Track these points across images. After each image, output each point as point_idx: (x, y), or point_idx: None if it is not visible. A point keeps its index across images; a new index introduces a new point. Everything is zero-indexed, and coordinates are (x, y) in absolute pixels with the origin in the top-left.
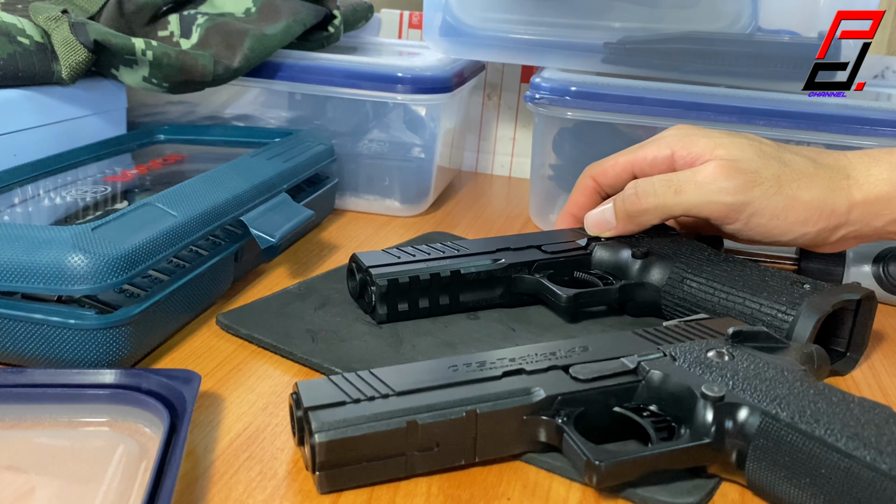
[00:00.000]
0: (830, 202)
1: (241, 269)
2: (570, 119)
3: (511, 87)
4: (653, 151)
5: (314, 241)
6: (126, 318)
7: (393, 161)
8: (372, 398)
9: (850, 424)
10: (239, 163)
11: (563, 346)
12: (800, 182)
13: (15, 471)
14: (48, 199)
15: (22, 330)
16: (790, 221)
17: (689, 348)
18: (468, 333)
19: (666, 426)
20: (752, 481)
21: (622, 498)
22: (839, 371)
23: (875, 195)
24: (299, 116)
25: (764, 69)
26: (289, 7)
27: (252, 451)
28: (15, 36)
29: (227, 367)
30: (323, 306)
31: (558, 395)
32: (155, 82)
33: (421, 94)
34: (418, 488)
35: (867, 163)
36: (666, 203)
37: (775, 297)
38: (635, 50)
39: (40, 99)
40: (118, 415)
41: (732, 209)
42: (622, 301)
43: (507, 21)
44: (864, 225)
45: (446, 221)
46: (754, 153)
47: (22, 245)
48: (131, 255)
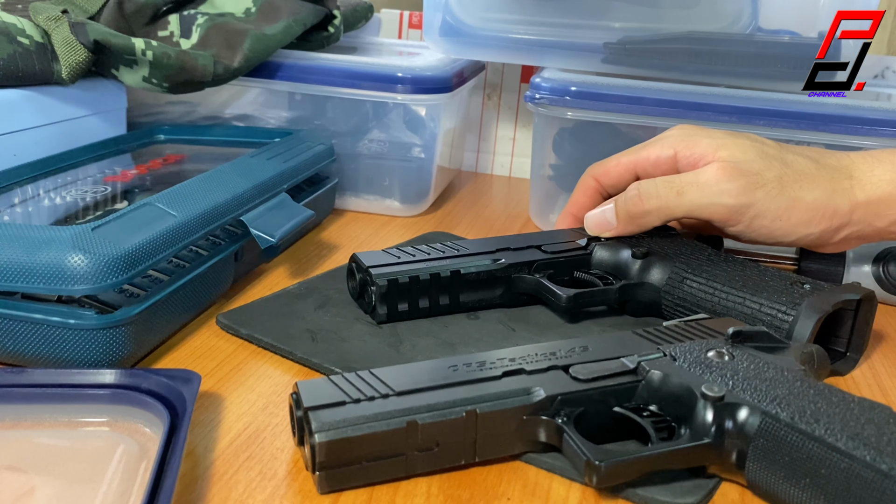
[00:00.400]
0: (833, 203)
1: (241, 269)
2: (570, 119)
3: (511, 87)
4: (655, 152)
5: (314, 241)
6: (126, 318)
7: (393, 161)
8: (372, 398)
9: (850, 424)
10: (239, 163)
11: (563, 346)
12: (802, 183)
13: (15, 471)
14: (48, 199)
15: (22, 330)
16: (793, 222)
17: (689, 348)
18: (468, 333)
19: (666, 426)
20: (752, 481)
21: (622, 498)
22: (839, 371)
23: (878, 196)
24: (299, 116)
25: (764, 69)
26: (289, 7)
27: (252, 451)
28: (15, 36)
29: (227, 367)
30: (323, 306)
31: (558, 395)
32: (155, 82)
33: (421, 94)
34: (418, 488)
35: (870, 163)
36: (668, 204)
37: (775, 297)
38: (635, 50)
39: (40, 99)
40: (118, 415)
41: (735, 211)
42: (622, 301)
43: (507, 21)
44: (866, 225)
45: (446, 221)
46: (756, 154)
47: (22, 245)
48: (131, 255)
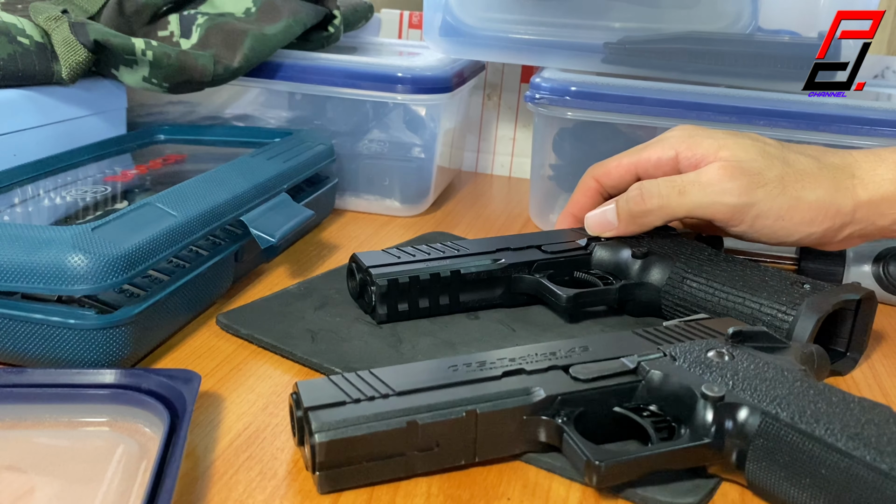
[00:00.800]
0: (835, 202)
1: (241, 269)
2: (570, 119)
3: (511, 87)
4: (657, 153)
5: (314, 241)
6: (126, 318)
7: (393, 161)
8: (372, 398)
9: (850, 424)
10: (239, 163)
11: (563, 346)
12: (804, 182)
13: (15, 471)
14: (48, 199)
15: (22, 330)
16: (795, 222)
17: (689, 348)
18: (468, 333)
19: (666, 426)
20: (752, 481)
21: (622, 498)
22: (839, 371)
23: (880, 195)
24: (299, 116)
25: (764, 69)
26: (289, 7)
27: (252, 451)
28: (15, 36)
29: (227, 367)
30: (323, 306)
31: (558, 395)
32: (155, 82)
33: (421, 94)
34: (418, 488)
35: (872, 162)
36: (670, 204)
37: (775, 297)
38: (635, 50)
39: (40, 99)
40: (118, 415)
41: (737, 210)
42: (622, 301)
43: (507, 21)
44: (868, 224)
45: (446, 221)
46: (758, 154)
47: (22, 245)
48: (131, 255)
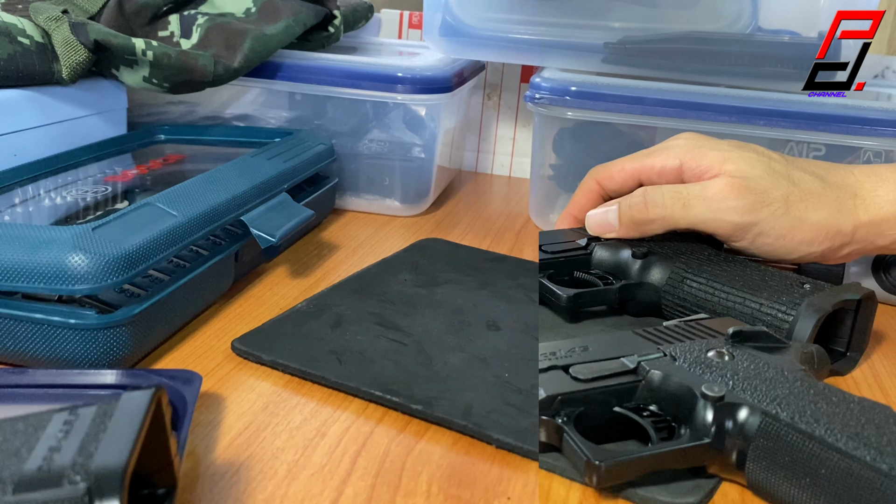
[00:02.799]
0: (836, 223)
1: (241, 269)
2: (570, 119)
3: (511, 87)
4: (661, 161)
5: (314, 240)
6: (126, 318)
7: (393, 161)
8: None
9: (851, 424)
10: (239, 163)
11: (563, 346)
12: (808, 203)
13: None
14: (48, 199)
15: (22, 330)
16: (796, 241)
17: (689, 348)
18: (493, 346)
19: (666, 426)
20: (753, 481)
21: (622, 498)
22: (839, 371)
23: (881, 216)
24: (299, 116)
25: (764, 69)
26: (289, 7)
27: (252, 450)
28: (15, 36)
29: (227, 366)
30: (338, 325)
31: (558, 395)
32: (155, 82)
33: (421, 94)
34: (418, 487)
35: (874, 182)
36: (673, 216)
37: (775, 297)
38: (635, 50)
39: (40, 99)
40: None
41: (739, 228)
42: (622, 301)
43: (507, 21)
44: (868, 243)
45: (446, 221)
46: (764, 171)
47: (22, 245)
48: (132, 255)
